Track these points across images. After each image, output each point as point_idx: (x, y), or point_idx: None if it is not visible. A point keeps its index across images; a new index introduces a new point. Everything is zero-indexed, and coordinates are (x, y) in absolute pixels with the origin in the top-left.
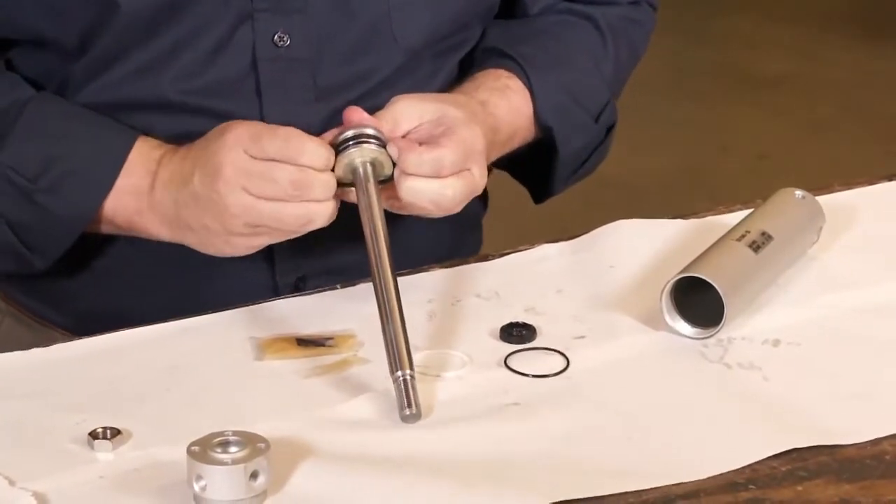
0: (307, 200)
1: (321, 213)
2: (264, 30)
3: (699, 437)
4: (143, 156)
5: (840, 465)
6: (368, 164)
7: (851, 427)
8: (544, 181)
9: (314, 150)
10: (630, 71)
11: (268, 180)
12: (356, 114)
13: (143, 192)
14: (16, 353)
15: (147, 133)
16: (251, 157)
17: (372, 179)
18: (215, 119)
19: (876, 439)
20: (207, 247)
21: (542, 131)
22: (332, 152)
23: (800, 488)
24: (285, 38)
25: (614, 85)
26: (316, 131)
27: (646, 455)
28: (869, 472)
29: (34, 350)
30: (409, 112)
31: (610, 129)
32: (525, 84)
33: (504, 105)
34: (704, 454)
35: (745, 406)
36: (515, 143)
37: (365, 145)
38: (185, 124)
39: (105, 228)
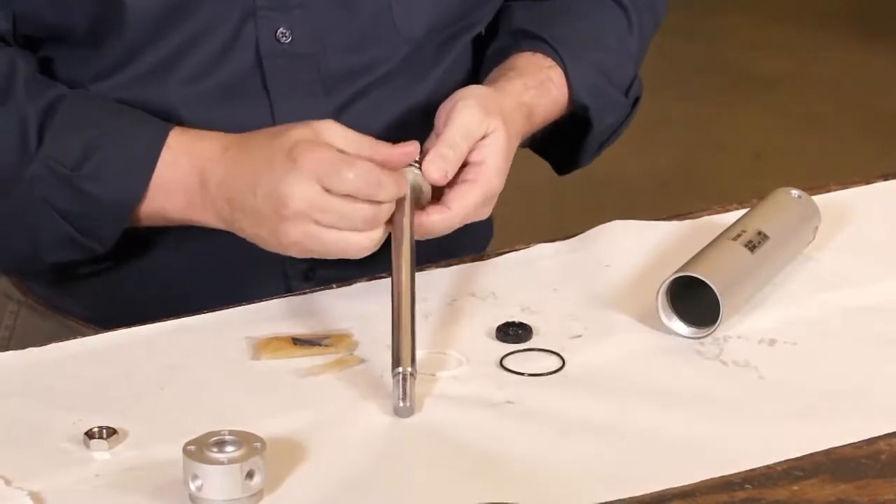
0: (372, 230)
1: (379, 241)
2: (267, 26)
3: (695, 438)
4: (185, 147)
5: (836, 465)
6: (410, 188)
7: (847, 426)
8: (570, 154)
9: (390, 186)
10: (652, 38)
11: (341, 216)
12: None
13: (193, 188)
14: (11, 352)
15: None
16: (326, 190)
17: (410, 199)
18: (222, 124)
19: (871, 438)
20: (259, 240)
21: (578, 109)
22: (404, 183)
23: (796, 487)
24: (287, 34)
25: (639, 57)
26: None
27: (641, 456)
28: (865, 471)
29: (30, 349)
30: (474, 126)
31: (636, 100)
32: (560, 67)
33: (545, 103)
34: (700, 456)
35: (742, 406)
36: (544, 125)
37: (413, 168)
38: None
39: (162, 221)
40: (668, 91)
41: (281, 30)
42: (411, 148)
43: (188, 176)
